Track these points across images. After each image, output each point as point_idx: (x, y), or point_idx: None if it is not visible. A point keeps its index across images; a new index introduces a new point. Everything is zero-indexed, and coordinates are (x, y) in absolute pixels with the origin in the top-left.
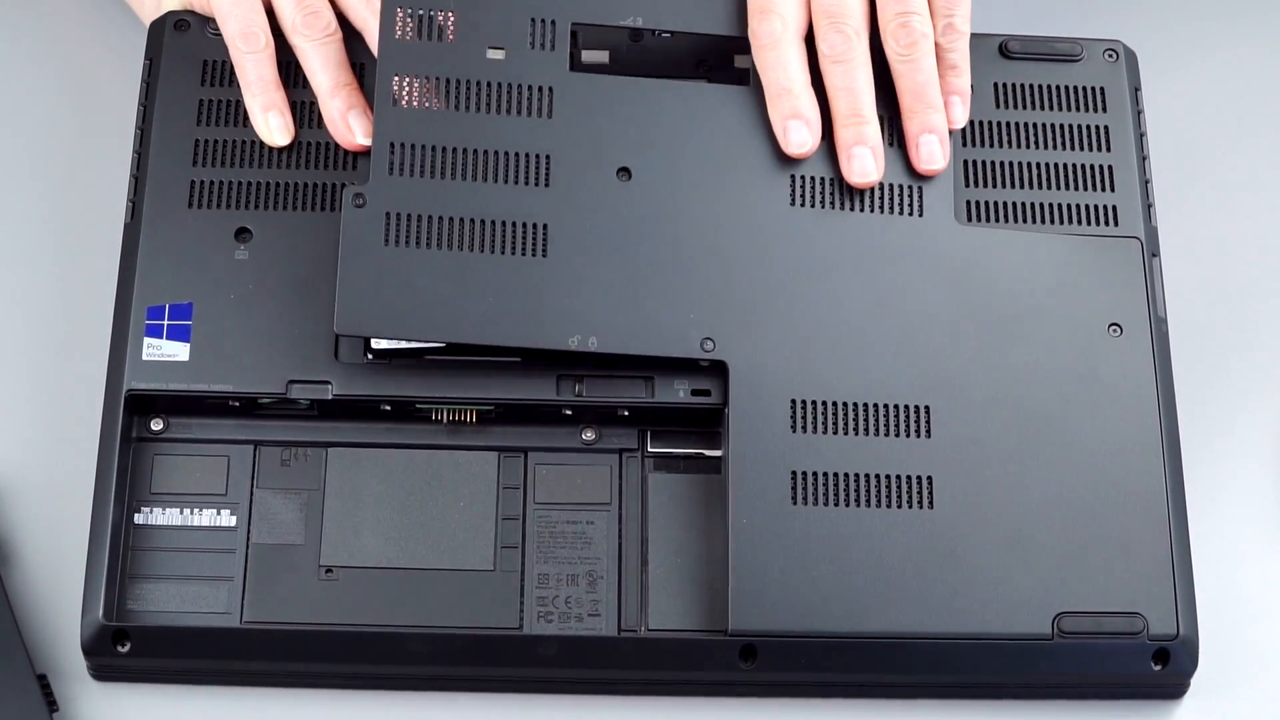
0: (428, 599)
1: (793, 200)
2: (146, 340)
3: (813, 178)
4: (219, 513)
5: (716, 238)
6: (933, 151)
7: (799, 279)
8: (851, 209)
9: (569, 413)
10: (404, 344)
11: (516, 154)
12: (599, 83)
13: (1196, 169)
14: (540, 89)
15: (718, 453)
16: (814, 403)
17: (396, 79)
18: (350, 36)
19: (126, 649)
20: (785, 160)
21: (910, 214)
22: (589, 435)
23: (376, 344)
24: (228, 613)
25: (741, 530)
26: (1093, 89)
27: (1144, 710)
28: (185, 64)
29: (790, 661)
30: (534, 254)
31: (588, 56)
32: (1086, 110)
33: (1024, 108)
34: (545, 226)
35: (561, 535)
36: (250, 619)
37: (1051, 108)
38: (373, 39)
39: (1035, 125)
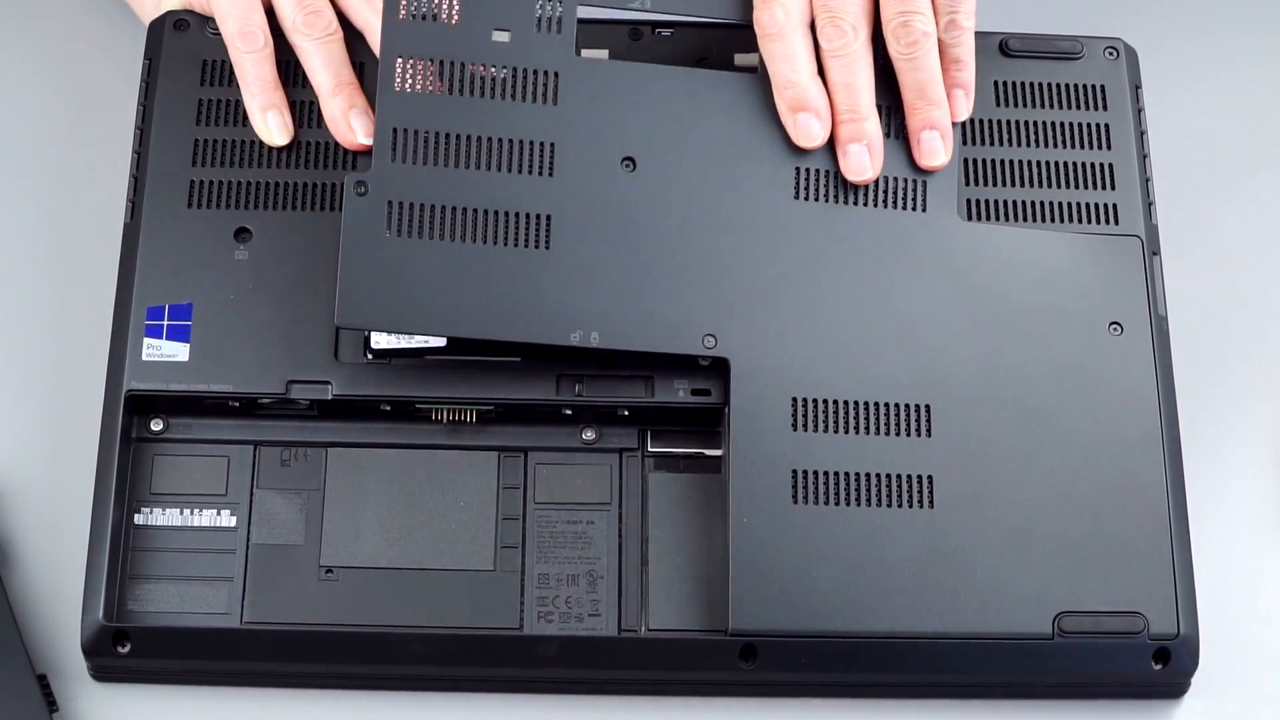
0: (428, 599)
1: (797, 193)
2: (146, 340)
3: (817, 170)
4: (219, 513)
5: (720, 232)
6: (934, 147)
7: (801, 275)
8: (854, 203)
9: (569, 412)
10: (404, 344)
11: (521, 142)
12: (605, 68)
13: (1197, 167)
14: (546, 74)
15: (718, 452)
16: (814, 401)
17: (400, 62)
18: (351, 36)
19: (126, 649)
20: (790, 151)
21: (913, 209)
22: (589, 435)
23: (376, 344)
24: (228, 613)
25: (742, 529)
26: (1093, 87)
27: (1144, 710)
28: (184, 64)
29: (790, 661)
30: (537, 246)
31: (586, 55)
32: (1087, 108)
33: (1024, 106)
34: (549, 218)
35: (561, 535)
36: (250, 619)
37: (1052, 106)
38: (374, 38)
39: (1036, 123)
